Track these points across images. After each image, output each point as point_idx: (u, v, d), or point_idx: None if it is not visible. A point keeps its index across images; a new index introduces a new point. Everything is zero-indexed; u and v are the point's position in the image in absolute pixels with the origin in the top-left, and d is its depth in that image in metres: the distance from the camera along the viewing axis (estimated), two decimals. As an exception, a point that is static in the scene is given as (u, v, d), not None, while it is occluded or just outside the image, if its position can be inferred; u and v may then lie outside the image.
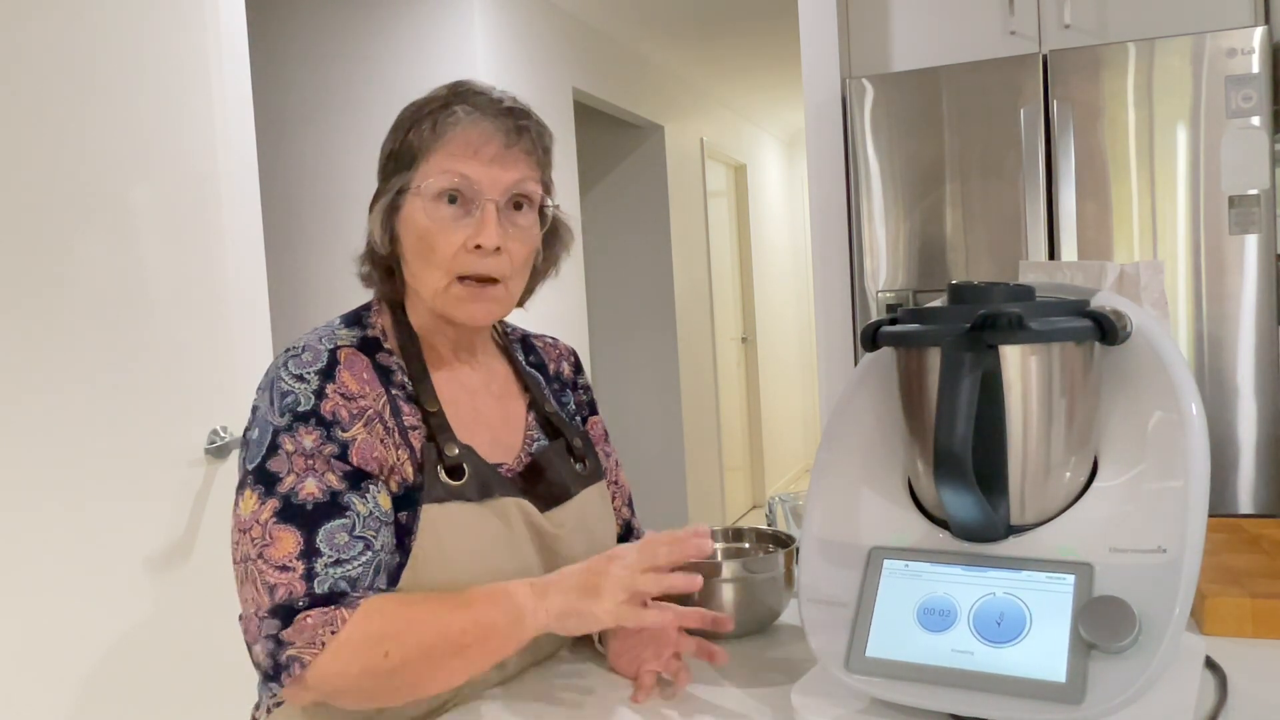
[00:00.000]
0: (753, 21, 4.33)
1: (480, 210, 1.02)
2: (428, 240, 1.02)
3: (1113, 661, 0.78)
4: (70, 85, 1.61)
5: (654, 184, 4.93)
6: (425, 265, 1.04)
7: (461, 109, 1.03)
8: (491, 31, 3.40)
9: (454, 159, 1.02)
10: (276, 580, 0.92)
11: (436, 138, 1.02)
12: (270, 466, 0.96)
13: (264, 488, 0.95)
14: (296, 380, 0.99)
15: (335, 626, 0.91)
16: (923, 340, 0.87)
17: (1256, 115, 2.23)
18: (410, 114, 1.06)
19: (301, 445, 0.96)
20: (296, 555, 0.93)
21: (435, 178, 1.02)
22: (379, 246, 1.06)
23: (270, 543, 0.93)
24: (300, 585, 0.92)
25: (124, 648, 1.66)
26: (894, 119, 2.55)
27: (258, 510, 0.95)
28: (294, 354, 1.01)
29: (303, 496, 0.94)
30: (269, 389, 1.00)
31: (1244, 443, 2.29)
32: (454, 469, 1.02)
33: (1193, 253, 2.31)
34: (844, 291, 2.75)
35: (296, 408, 0.97)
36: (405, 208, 1.04)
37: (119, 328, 1.67)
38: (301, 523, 0.94)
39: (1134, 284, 1.16)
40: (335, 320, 1.09)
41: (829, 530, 0.95)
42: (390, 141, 1.06)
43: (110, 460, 1.65)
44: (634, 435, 5.05)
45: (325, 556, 0.93)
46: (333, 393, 0.99)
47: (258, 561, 0.93)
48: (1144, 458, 0.85)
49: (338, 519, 0.95)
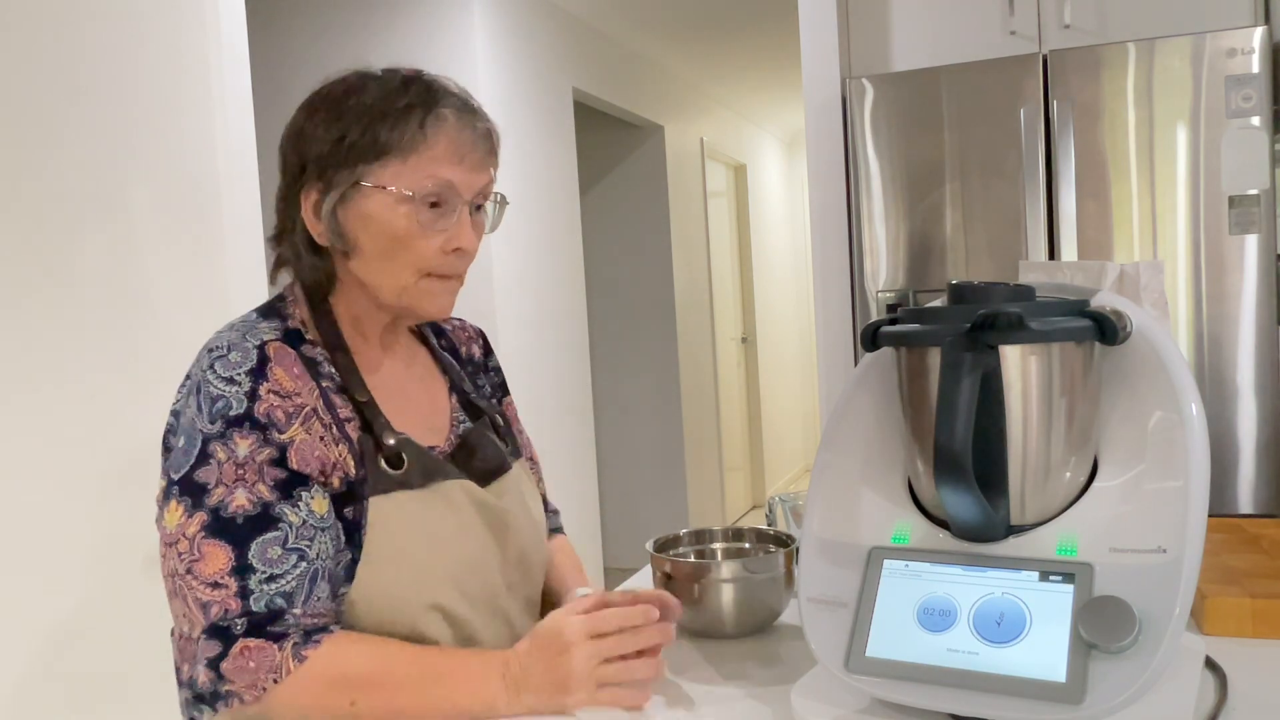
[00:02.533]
0: (753, 21, 4.33)
1: (457, 214, 1.01)
2: (402, 241, 1.00)
3: (1113, 661, 0.78)
4: (70, 85, 1.61)
5: (654, 184, 4.93)
6: (390, 263, 1.01)
7: (450, 112, 1.00)
8: (491, 31, 3.40)
9: (439, 163, 0.99)
10: (209, 597, 0.90)
11: (423, 138, 0.98)
12: (198, 476, 0.92)
13: (190, 500, 0.92)
14: (226, 383, 0.94)
15: (278, 675, 0.88)
16: (923, 340, 0.87)
17: (1256, 115, 2.23)
18: (375, 103, 0.99)
19: (234, 453, 0.92)
20: (228, 571, 0.90)
21: (419, 181, 0.98)
22: (322, 239, 1.02)
23: (200, 558, 0.90)
24: (235, 603, 0.89)
25: (123, 647, 1.66)
26: (894, 119, 2.55)
27: (184, 523, 0.92)
28: (219, 354, 0.96)
29: (232, 510, 0.91)
30: (194, 393, 0.95)
31: (1244, 443, 2.29)
32: (393, 458, 1.00)
33: (1193, 253, 2.31)
34: (844, 291, 2.75)
35: (229, 412, 0.93)
36: (367, 203, 0.99)
37: (119, 326, 1.67)
38: (232, 538, 0.91)
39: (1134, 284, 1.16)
40: (250, 314, 1.05)
41: (829, 530, 0.95)
42: (337, 128, 0.99)
43: (110, 460, 1.65)
44: (634, 436, 5.05)
45: (259, 573, 0.90)
46: (266, 393, 0.95)
47: (186, 577, 0.91)
48: (1144, 458, 0.85)
49: (270, 532, 0.92)
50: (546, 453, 3.72)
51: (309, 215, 1.01)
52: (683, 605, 1.21)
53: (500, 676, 0.93)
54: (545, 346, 3.72)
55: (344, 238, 1.01)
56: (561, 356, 3.86)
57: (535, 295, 3.64)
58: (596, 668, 0.91)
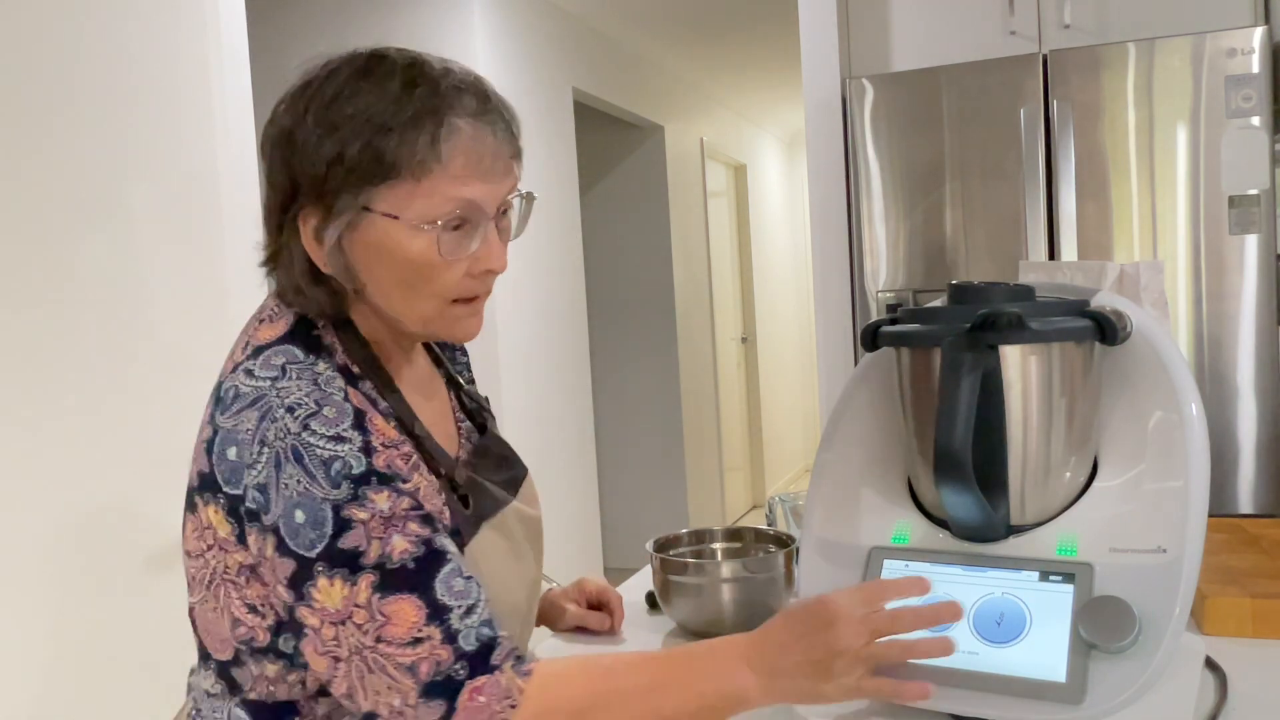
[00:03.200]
0: (753, 21, 4.33)
1: (482, 231, 0.88)
2: (422, 273, 0.87)
3: (1113, 661, 0.78)
4: (70, 85, 1.61)
5: (654, 184, 4.93)
6: (410, 293, 0.89)
7: (465, 122, 0.86)
8: (491, 31, 3.40)
9: (458, 182, 0.85)
10: (414, 657, 0.78)
11: (436, 157, 0.84)
12: (345, 544, 0.80)
13: (346, 569, 0.80)
14: (334, 442, 0.82)
15: (515, 700, 0.79)
16: (923, 340, 0.87)
17: (1256, 115, 2.23)
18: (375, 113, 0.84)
19: (376, 509, 0.81)
20: (424, 621, 0.79)
21: (436, 205, 0.85)
22: (327, 269, 0.88)
23: (385, 621, 0.79)
24: (445, 651, 0.79)
25: (123, 647, 1.66)
26: (894, 119, 2.55)
27: (350, 594, 0.79)
28: (308, 412, 0.83)
29: (398, 557, 0.80)
30: (290, 461, 0.81)
31: (1244, 443, 2.29)
32: (463, 497, 0.93)
33: (1193, 253, 2.31)
34: (844, 291, 2.74)
35: (351, 472, 0.81)
36: (376, 232, 0.86)
37: (119, 326, 1.67)
38: (412, 585, 0.80)
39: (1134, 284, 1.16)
40: (288, 348, 0.89)
41: (829, 530, 0.95)
42: (332, 142, 0.84)
43: (109, 460, 1.65)
44: (634, 435, 5.05)
45: (455, 609, 0.80)
46: (378, 445, 0.84)
47: (377, 647, 0.79)
48: (1144, 458, 0.85)
49: (444, 566, 0.82)
50: (547, 453, 3.72)
51: (310, 242, 0.88)
52: (682, 605, 1.21)
53: (745, 662, 0.81)
54: (545, 346, 3.72)
55: (353, 271, 0.89)
56: (561, 356, 3.86)
57: (535, 295, 3.64)
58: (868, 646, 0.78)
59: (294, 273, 0.90)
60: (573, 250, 3.99)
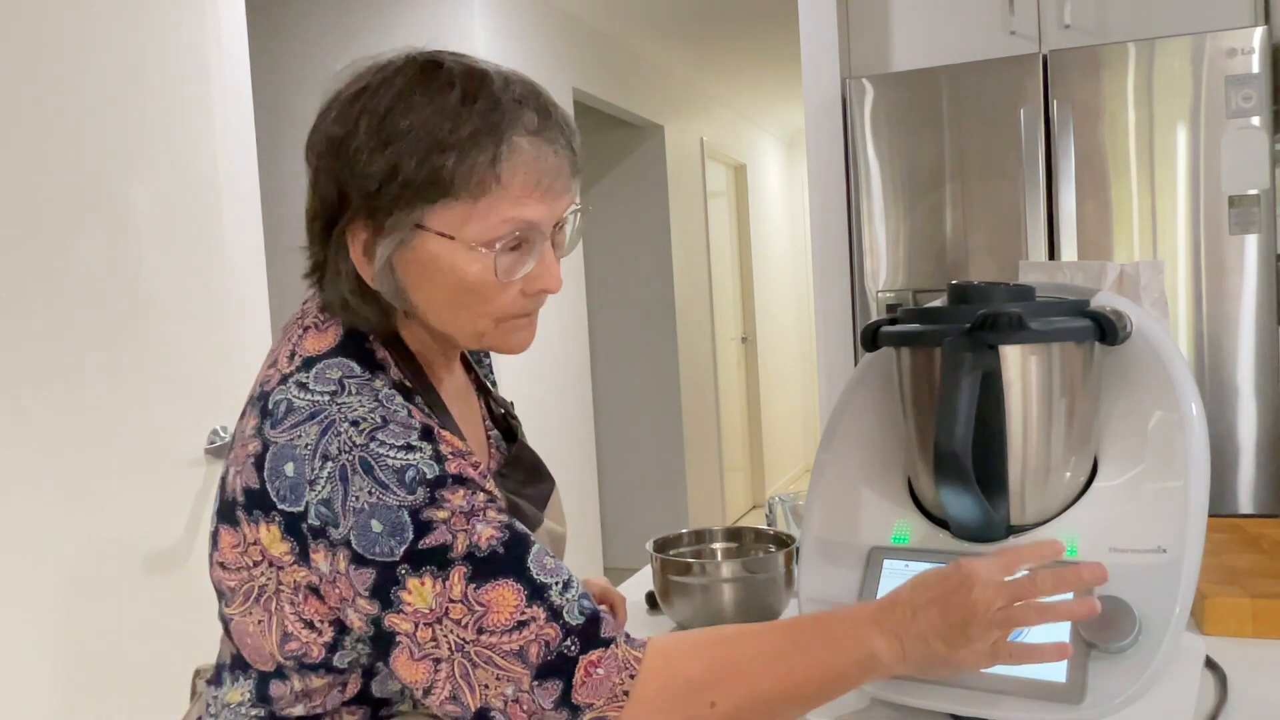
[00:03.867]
0: (753, 21, 4.33)
1: (539, 250, 0.85)
2: (478, 294, 0.84)
3: (1113, 661, 0.78)
4: (70, 85, 1.61)
5: (654, 184, 4.93)
6: (463, 312, 0.86)
7: (526, 141, 0.82)
8: (491, 31, 3.40)
9: (518, 204, 0.82)
10: (521, 641, 0.76)
11: (496, 178, 0.81)
12: (428, 544, 0.77)
13: (434, 567, 0.77)
14: (404, 451, 0.79)
15: (633, 670, 0.77)
16: (923, 340, 0.87)
17: (1256, 115, 2.23)
18: (432, 129, 0.81)
19: (454, 506, 0.78)
20: (525, 604, 0.77)
21: (494, 227, 0.82)
22: (377, 284, 0.86)
23: (485, 610, 0.77)
24: (553, 629, 0.77)
25: (122, 647, 1.66)
26: (894, 119, 2.55)
27: (443, 591, 0.77)
28: (373, 426, 0.80)
29: (486, 545, 0.78)
30: (360, 473, 0.78)
31: (1244, 443, 2.29)
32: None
33: (1193, 253, 2.31)
34: (844, 291, 2.75)
35: (425, 477, 0.78)
36: (429, 250, 0.83)
37: (119, 328, 1.67)
38: (506, 569, 0.78)
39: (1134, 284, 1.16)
40: (348, 365, 0.86)
41: (829, 530, 0.95)
42: (386, 157, 0.81)
43: (109, 460, 1.65)
44: (634, 436, 5.05)
45: (553, 586, 0.78)
46: (449, 453, 0.81)
47: (481, 639, 0.76)
48: (1144, 458, 0.85)
49: (533, 546, 0.80)
50: (547, 452, 3.72)
51: (359, 257, 0.85)
52: (682, 605, 1.21)
53: (876, 626, 0.78)
54: (545, 346, 3.72)
55: (403, 290, 0.86)
56: (561, 356, 3.86)
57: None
58: (1007, 609, 0.75)
59: (341, 287, 0.87)
60: (573, 250, 3.99)
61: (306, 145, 0.89)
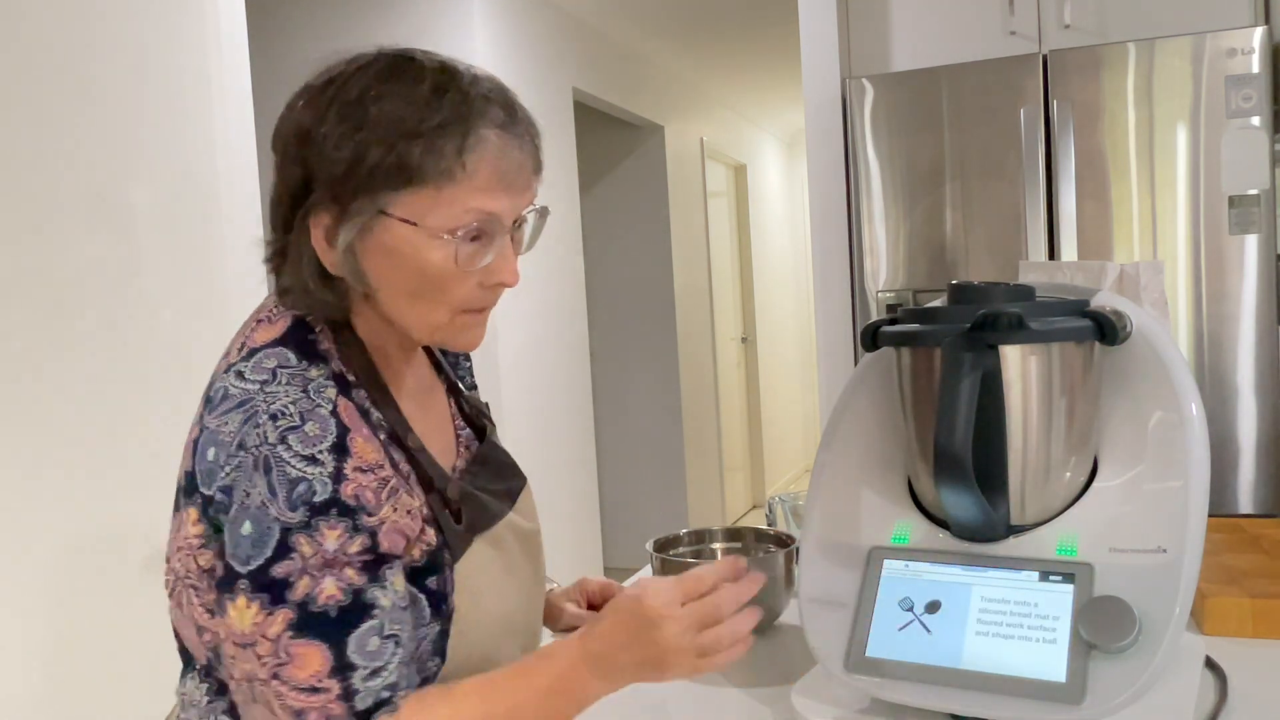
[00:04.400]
0: (753, 21, 4.33)
1: (498, 245, 0.87)
2: (437, 282, 0.85)
3: (1113, 661, 0.78)
4: (70, 85, 1.61)
5: (654, 184, 4.93)
6: (421, 302, 0.87)
7: (493, 133, 0.84)
8: (491, 31, 3.40)
9: (480, 195, 0.84)
10: (305, 704, 0.78)
11: (462, 168, 0.82)
12: (276, 571, 0.78)
13: (268, 596, 0.78)
14: (306, 462, 0.79)
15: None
16: (923, 340, 0.87)
17: (1256, 115, 2.23)
18: (401, 118, 0.82)
19: (322, 546, 0.78)
20: (326, 673, 0.78)
21: (457, 216, 0.83)
22: (336, 270, 0.86)
23: (288, 661, 0.78)
24: (338, 707, 0.78)
25: (122, 647, 1.66)
26: (894, 119, 2.55)
27: (262, 623, 0.78)
28: (289, 425, 0.81)
29: (323, 602, 0.78)
30: (260, 471, 0.79)
31: (1244, 443, 2.29)
32: (456, 511, 0.91)
33: (1193, 253, 2.31)
34: (844, 291, 2.75)
35: (313, 498, 0.79)
36: (392, 237, 0.84)
37: (118, 328, 1.67)
38: (325, 635, 0.78)
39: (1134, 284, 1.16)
40: (282, 352, 0.87)
41: (829, 530, 0.95)
42: (354, 143, 0.82)
43: (109, 460, 1.65)
44: (634, 436, 5.05)
45: (360, 670, 0.79)
46: (352, 470, 0.81)
47: (272, 683, 0.78)
48: (1144, 458, 0.85)
49: (366, 622, 0.80)
50: (547, 453, 3.72)
51: (320, 242, 0.86)
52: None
53: (590, 669, 0.83)
54: (545, 346, 3.72)
55: (362, 275, 0.87)
56: (561, 356, 3.86)
57: (535, 295, 3.64)
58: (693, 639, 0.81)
59: (302, 272, 0.87)
60: (573, 250, 3.99)
61: (274, 133, 0.89)
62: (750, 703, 0.98)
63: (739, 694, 1.00)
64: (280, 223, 0.89)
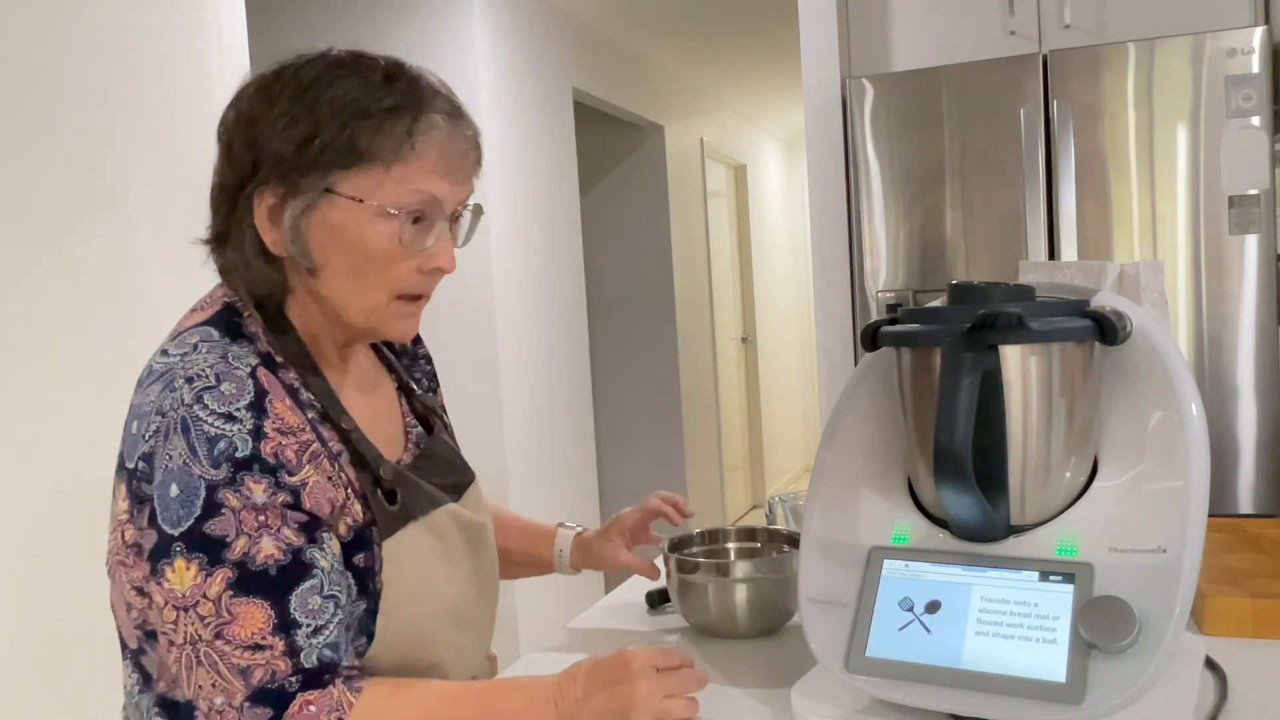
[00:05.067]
0: (753, 21, 4.33)
1: (438, 230, 0.90)
2: (378, 261, 0.88)
3: (1113, 661, 0.78)
4: (71, 85, 1.61)
5: (654, 184, 4.93)
6: (361, 282, 0.90)
7: (441, 118, 0.89)
8: (491, 31, 3.40)
9: (427, 176, 0.88)
10: (250, 661, 0.80)
11: (411, 148, 0.86)
12: (210, 530, 0.80)
13: (205, 556, 0.80)
14: (224, 420, 0.81)
15: (341, 712, 0.81)
16: (923, 340, 0.87)
17: (1256, 115, 2.23)
18: (353, 100, 0.86)
19: (250, 499, 0.81)
20: (270, 630, 0.80)
21: (403, 195, 0.87)
22: (278, 248, 0.89)
23: (230, 620, 0.80)
24: (283, 663, 0.80)
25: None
26: (894, 119, 2.55)
27: (202, 584, 0.80)
28: (205, 385, 0.82)
29: (261, 560, 0.81)
30: (178, 432, 0.81)
31: (1244, 443, 2.29)
32: (390, 493, 0.93)
33: (1193, 253, 2.31)
34: (844, 291, 2.74)
35: (234, 454, 0.81)
36: (337, 215, 0.87)
37: (117, 327, 1.67)
38: (267, 592, 0.81)
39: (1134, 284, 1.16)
40: (205, 330, 0.90)
41: (829, 530, 0.95)
42: (306, 125, 0.85)
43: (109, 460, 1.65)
44: (634, 436, 5.05)
45: (304, 627, 0.81)
46: (271, 430, 0.83)
47: (215, 643, 0.80)
48: (1144, 458, 0.85)
49: (306, 581, 0.82)
50: (547, 452, 3.72)
51: (263, 221, 0.88)
52: (696, 605, 1.21)
53: (554, 705, 0.87)
54: (545, 346, 3.72)
55: (307, 252, 0.89)
56: (561, 356, 3.86)
57: (535, 295, 3.64)
58: (660, 702, 0.87)
59: (245, 250, 0.90)
60: (573, 250, 3.99)
61: (220, 122, 0.93)
62: (750, 702, 0.98)
63: (739, 694, 1.00)
64: (221, 206, 0.92)
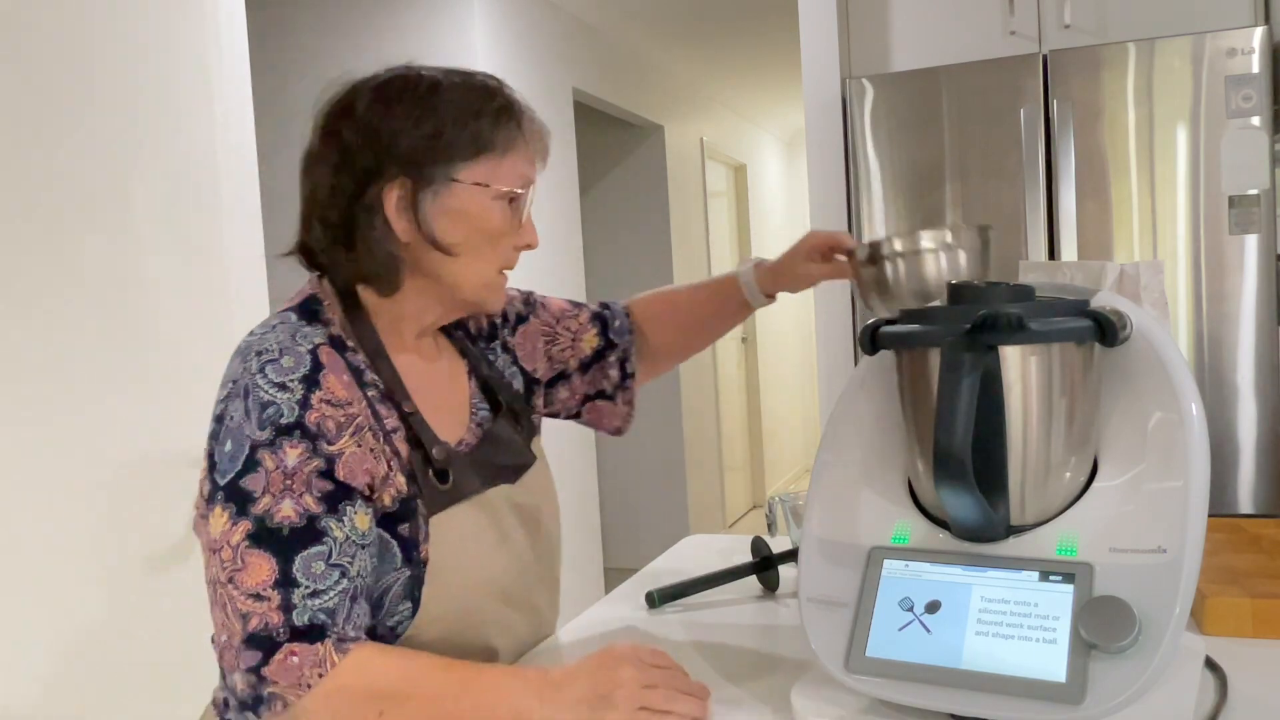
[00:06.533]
0: (753, 21, 4.33)
1: (525, 212, 1.05)
2: (494, 238, 1.02)
3: (1113, 661, 0.78)
4: (70, 84, 1.61)
5: (654, 184, 4.93)
6: (478, 259, 1.03)
7: (531, 114, 1.05)
8: (491, 31, 3.40)
9: (529, 164, 1.04)
10: (250, 609, 0.88)
11: (521, 138, 1.02)
12: (245, 484, 0.90)
13: (235, 506, 0.89)
14: (277, 389, 0.92)
15: (323, 668, 0.87)
16: (922, 341, 0.87)
17: (1256, 115, 2.23)
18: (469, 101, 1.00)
19: (283, 462, 0.90)
20: (271, 584, 0.88)
21: (513, 179, 1.02)
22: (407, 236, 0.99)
23: (242, 568, 0.88)
24: (277, 616, 0.88)
25: (123, 647, 1.66)
26: (894, 119, 2.55)
27: (228, 531, 0.89)
28: (269, 358, 0.94)
29: (278, 520, 0.89)
30: (243, 397, 0.92)
31: (1244, 443, 2.29)
32: (442, 472, 1.00)
33: (1193, 253, 2.31)
34: (844, 292, 2.75)
35: (279, 420, 0.91)
36: (460, 200, 1.00)
37: (118, 327, 1.67)
38: (276, 549, 0.89)
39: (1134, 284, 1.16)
40: (287, 314, 1.01)
41: (829, 530, 0.95)
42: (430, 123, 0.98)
43: (110, 460, 1.65)
44: (634, 436, 5.05)
45: (302, 587, 0.89)
46: (319, 402, 0.93)
47: (228, 586, 0.89)
48: (1144, 458, 0.85)
49: (314, 546, 0.90)
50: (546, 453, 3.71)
51: (393, 212, 0.99)
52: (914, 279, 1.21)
53: (537, 685, 0.91)
54: (545, 346, 3.72)
55: (434, 235, 1.00)
56: (561, 356, 3.86)
57: (535, 295, 3.64)
58: (642, 690, 0.89)
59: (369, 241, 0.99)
60: (573, 250, 3.99)
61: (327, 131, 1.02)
62: (750, 702, 0.98)
63: (739, 694, 1.00)
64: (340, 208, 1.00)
